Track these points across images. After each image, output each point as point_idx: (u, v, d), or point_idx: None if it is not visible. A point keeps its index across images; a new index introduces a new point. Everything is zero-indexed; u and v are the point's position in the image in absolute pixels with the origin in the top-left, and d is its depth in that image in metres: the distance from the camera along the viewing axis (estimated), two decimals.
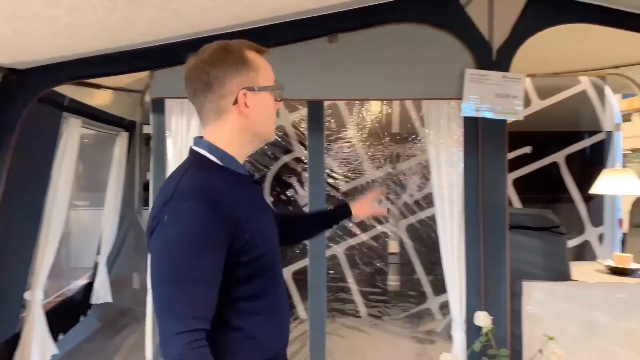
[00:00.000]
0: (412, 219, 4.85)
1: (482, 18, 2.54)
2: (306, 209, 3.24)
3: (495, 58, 2.52)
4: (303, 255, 4.29)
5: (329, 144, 4.67)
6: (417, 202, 4.82)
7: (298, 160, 4.68)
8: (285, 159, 4.74)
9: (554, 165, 5.18)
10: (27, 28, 1.69)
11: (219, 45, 1.25)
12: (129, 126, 4.62)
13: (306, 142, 4.60)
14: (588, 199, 5.20)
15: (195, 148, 1.27)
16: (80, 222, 4.85)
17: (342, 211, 1.70)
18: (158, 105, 2.52)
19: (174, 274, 1.09)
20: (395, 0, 2.48)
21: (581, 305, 2.55)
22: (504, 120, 2.53)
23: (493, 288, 2.50)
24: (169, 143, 2.50)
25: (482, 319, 2.32)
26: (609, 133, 5.24)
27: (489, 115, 2.51)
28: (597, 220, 5.20)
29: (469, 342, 2.49)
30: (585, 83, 5.19)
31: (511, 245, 2.56)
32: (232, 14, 1.93)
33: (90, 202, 4.99)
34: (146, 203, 5.17)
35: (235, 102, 1.22)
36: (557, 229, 3.08)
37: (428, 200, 4.79)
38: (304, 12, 2.36)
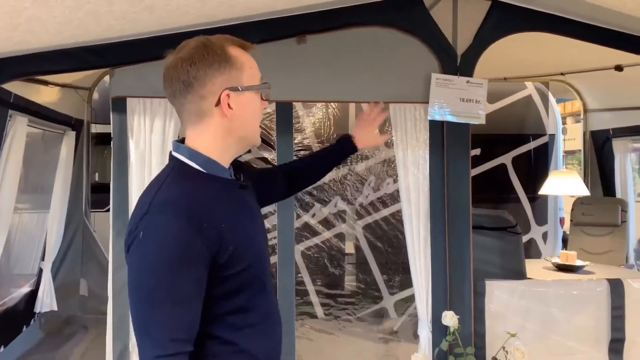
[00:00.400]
0: (369, 219, 4.90)
1: (447, 24, 2.59)
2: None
3: (459, 63, 2.58)
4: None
5: None
6: (382, 200, 4.87)
7: (263, 160, 4.63)
8: (246, 157, 4.67)
9: (502, 167, 5.39)
10: None
11: (199, 41, 1.15)
12: (76, 125, 4.39)
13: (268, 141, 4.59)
14: (533, 199, 5.45)
15: (175, 154, 1.18)
16: (22, 226, 4.56)
17: (346, 147, 1.59)
18: (119, 105, 2.40)
19: (150, 294, 1.02)
20: (363, 4, 2.49)
21: (539, 303, 2.67)
22: (468, 124, 2.60)
23: (458, 287, 2.56)
24: (131, 145, 2.39)
25: (450, 319, 2.37)
26: (552, 136, 5.52)
27: (453, 119, 2.57)
28: (541, 220, 5.46)
29: (435, 341, 2.54)
30: (530, 88, 5.43)
31: None
32: (205, 13, 1.87)
33: (33, 205, 4.70)
34: (94, 205, 4.96)
35: (218, 103, 1.13)
36: (514, 229, 3.21)
37: (384, 201, 4.87)
38: (274, 12, 2.32)
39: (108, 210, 5.94)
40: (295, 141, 4.60)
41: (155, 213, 1.04)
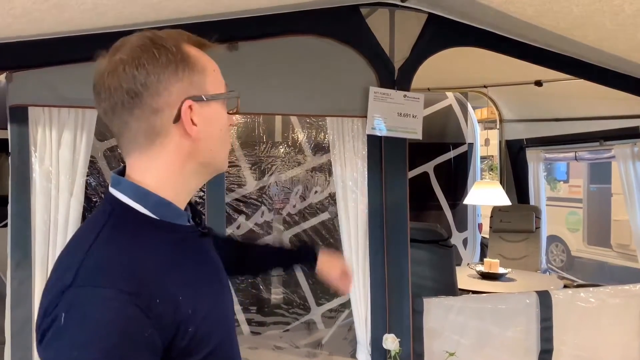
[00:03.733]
0: (296, 229, 4.77)
1: (384, 36, 2.52)
2: None
3: (396, 77, 2.52)
4: None
5: None
6: (309, 209, 4.76)
7: None
8: None
9: (425, 175, 5.49)
10: None
11: (145, 37, 0.85)
12: None
13: None
14: (454, 205, 5.60)
15: (114, 192, 0.86)
16: None
17: (307, 257, 1.31)
18: (18, 114, 2.06)
19: None
20: (299, 12, 2.35)
21: (474, 318, 2.67)
22: (405, 139, 2.54)
23: (397, 307, 2.50)
24: (35, 161, 2.07)
25: (391, 342, 2.29)
26: (471, 145, 5.71)
27: (391, 133, 2.50)
28: (461, 226, 5.62)
29: None
30: (451, 98, 5.58)
31: None
32: (125, 15, 1.63)
33: None
34: None
35: (178, 118, 0.85)
36: (445, 242, 3.22)
37: (312, 210, 4.76)
38: (204, 16, 2.11)
39: (5, 226, 5.33)
40: None
41: (85, 285, 0.73)
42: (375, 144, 2.49)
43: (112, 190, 0.87)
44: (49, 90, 2.06)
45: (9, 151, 2.09)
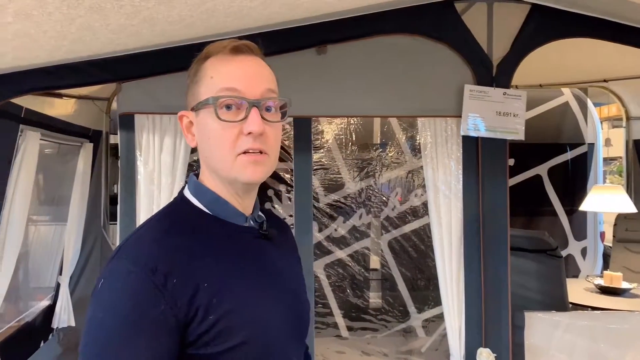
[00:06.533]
0: (394, 234, 4.67)
1: (481, 30, 2.37)
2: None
3: (495, 73, 2.35)
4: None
5: None
6: (409, 213, 4.65)
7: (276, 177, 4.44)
8: None
9: (537, 178, 5.10)
10: None
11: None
12: (93, 136, 4.29)
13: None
14: (571, 212, 5.13)
15: (185, 187, 0.95)
16: (40, 238, 4.50)
17: None
18: (126, 121, 2.25)
19: None
20: (388, 11, 2.29)
21: (585, 337, 2.40)
22: (505, 140, 2.36)
23: (494, 320, 2.33)
24: (140, 164, 2.24)
25: (485, 357, 2.13)
26: (591, 145, 5.20)
27: (489, 134, 2.34)
28: (579, 234, 5.14)
29: None
30: (567, 95, 5.13)
31: None
32: (212, 25, 1.70)
33: (52, 217, 4.64)
34: (113, 217, 4.87)
35: None
36: (554, 251, 2.95)
37: (412, 213, 4.64)
38: (290, 22, 2.14)
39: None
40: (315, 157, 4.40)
41: (118, 259, 0.82)
42: (471, 145, 2.35)
43: (186, 186, 0.97)
44: (151, 98, 2.22)
45: (119, 155, 2.28)
